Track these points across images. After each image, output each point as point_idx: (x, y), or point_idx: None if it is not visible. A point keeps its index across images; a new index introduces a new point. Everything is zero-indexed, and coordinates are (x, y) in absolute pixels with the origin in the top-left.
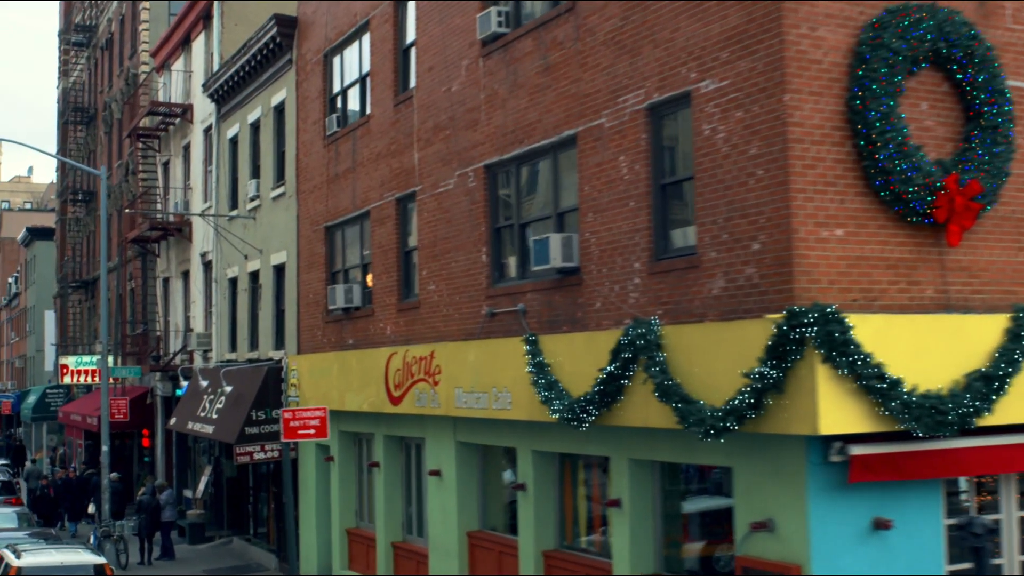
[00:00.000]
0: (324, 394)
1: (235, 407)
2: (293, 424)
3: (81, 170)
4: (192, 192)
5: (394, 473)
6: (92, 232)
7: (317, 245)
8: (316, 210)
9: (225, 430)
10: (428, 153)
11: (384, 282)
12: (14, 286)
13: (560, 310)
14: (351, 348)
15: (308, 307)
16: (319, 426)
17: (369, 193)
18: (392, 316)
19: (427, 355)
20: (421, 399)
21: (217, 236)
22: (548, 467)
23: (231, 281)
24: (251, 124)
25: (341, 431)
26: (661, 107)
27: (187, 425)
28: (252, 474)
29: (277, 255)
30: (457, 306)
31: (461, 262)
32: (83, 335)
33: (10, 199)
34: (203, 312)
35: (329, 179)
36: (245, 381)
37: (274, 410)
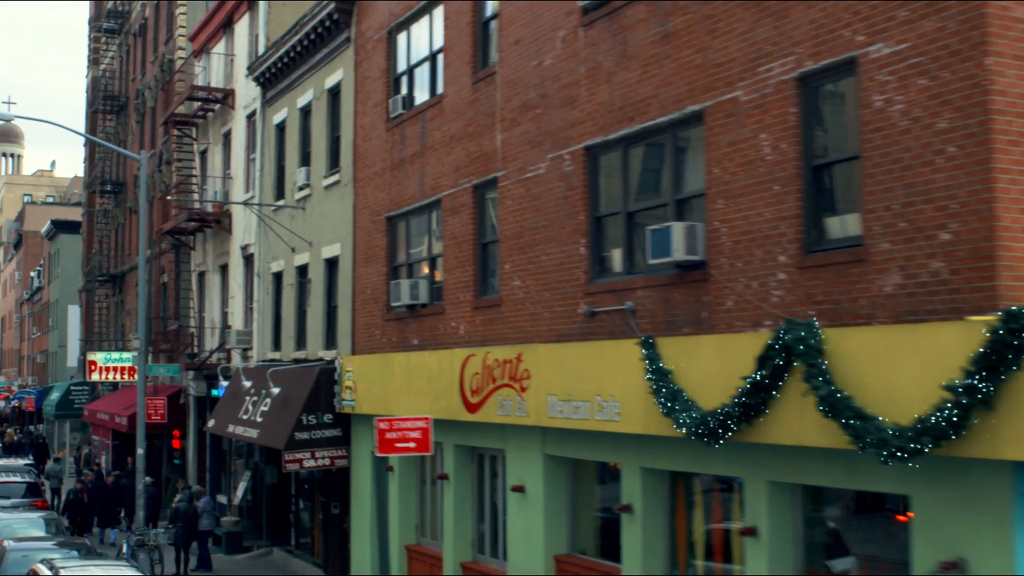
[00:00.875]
0: (382, 398)
1: (283, 410)
2: (390, 436)
3: (113, 157)
4: (232, 182)
5: (465, 487)
6: (121, 224)
7: (377, 237)
8: (376, 199)
9: (272, 435)
10: (513, 135)
11: (457, 277)
12: (36, 280)
13: (680, 309)
14: (415, 349)
15: (365, 304)
16: (421, 439)
17: (440, 180)
18: (466, 314)
19: (513, 358)
20: (504, 407)
21: (261, 228)
22: (658, 486)
23: (275, 275)
24: (301, 108)
25: None
26: (815, 76)
27: (228, 428)
28: (295, 481)
29: (329, 248)
30: (547, 304)
31: (553, 255)
32: (110, 330)
33: (33, 193)
34: (243, 308)
35: (392, 165)
36: (294, 383)
37: (326, 414)
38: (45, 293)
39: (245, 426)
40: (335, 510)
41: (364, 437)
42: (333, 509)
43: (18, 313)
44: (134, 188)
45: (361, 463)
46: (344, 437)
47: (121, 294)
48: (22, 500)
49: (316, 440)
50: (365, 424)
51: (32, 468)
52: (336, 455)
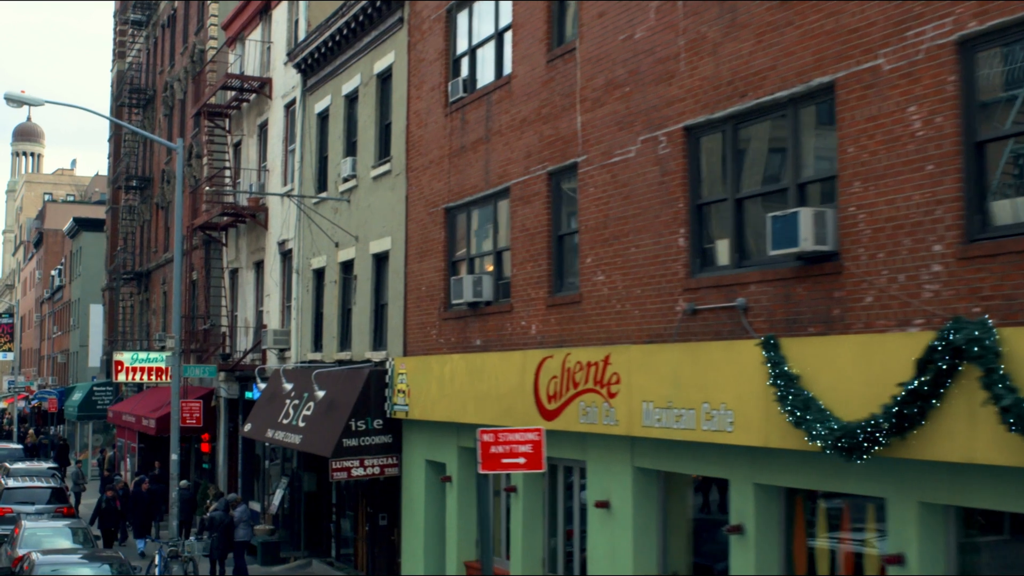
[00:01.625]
0: (439, 403)
1: (329, 415)
2: (496, 450)
3: (140, 151)
4: (269, 175)
5: (536, 500)
6: (147, 221)
7: (434, 229)
8: (433, 189)
9: (318, 441)
10: (596, 116)
11: (528, 272)
12: (57, 279)
13: (804, 306)
14: (478, 350)
15: (419, 301)
16: (532, 454)
17: (509, 167)
18: (539, 313)
19: (599, 360)
20: (588, 414)
21: (301, 222)
22: (773, 505)
23: (316, 272)
24: (346, 96)
25: (462, 447)
26: (979, 39)
27: (266, 433)
28: (335, 489)
29: (378, 242)
30: (638, 301)
31: (645, 247)
32: (135, 330)
33: (53, 192)
34: (279, 307)
35: (451, 153)
36: (341, 386)
37: (375, 420)
38: (66, 292)
39: (286, 431)
40: (383, 521)
41: (417, 444)
42: (381, 520)
43: (38, 312)
44: (161, 183)
45: (413, 472)
46: (394, 444)
47: (146, 293)
48: (47, 506)
49: (365, 447)
50: (418, 430)
51: (56, 472)
52: (386, 463)
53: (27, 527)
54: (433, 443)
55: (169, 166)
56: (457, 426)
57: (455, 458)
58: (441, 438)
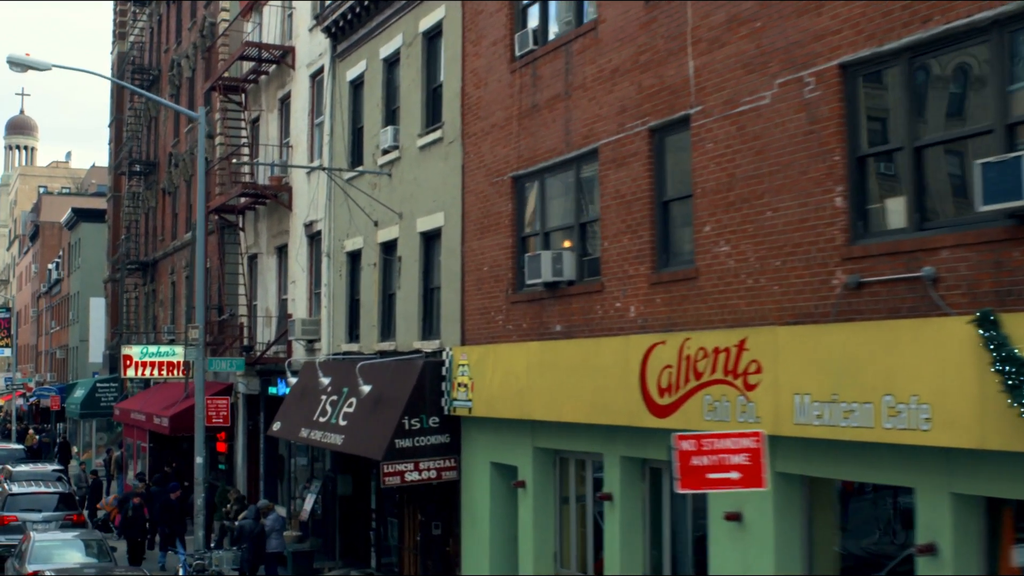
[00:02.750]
0: (509, 398)
1: (377, 413)
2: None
3: (144, 135)
4: (293, 151)
5: (635, 509)
6: (152, 208)
7: (498, 201)
8: (496, 156)
9: (364, 442)
10: (715, 59)
11: (624, 245)
12: (55, 272)
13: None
14: (557, 336)
15: (480, 283)
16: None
17: (596, 125)
18: (640, 292)
19: (730, 346)
20: (717, 410)
21: (331, 200)
22: (972, 518)
23: (351, 255)
24: (384, 59)
25: (538, 448)
26: None
27: (299, 432)
28: (376, 493)
29: (427, 218)
30: (778, 274)
31: (787, 211)
32: (140, 323)
33: (48, 184)
34: (307, 294)
35: (520, 113)
36: (389, 379)
37: (431, 417)
38: (64, 285)
39: (324, 431)
40: (436, 530)
41: (480, 444)
42: (434, 529)
43: (34, 307)
44: (168, 167)
45: (475, 476)
46: (452, 444)
47: (153, 283)
48: (54, 514)
49: (420, 448)
50: (482, 429)
51: (62, 474)
52: (443, 466)
53: (37, 540)
54: (501, 443)
55: (176, 149)
56: (532, 424)
57: (529, 460)
58: (511, 438)
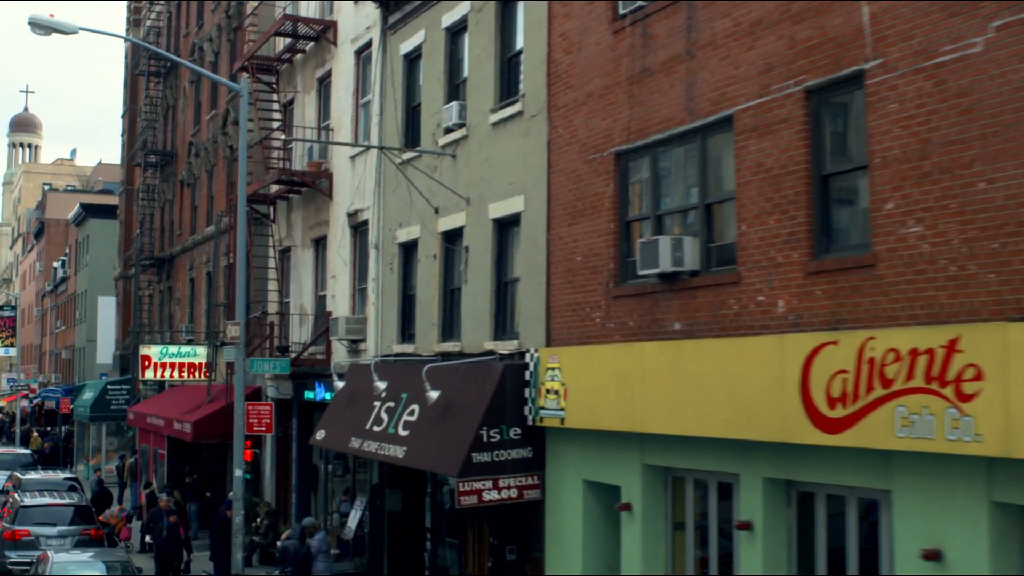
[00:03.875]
0: (613, 407)
1: (447, 423)
2: None
3: (160, 124)
4: (334, 135)
5: (779, 540)
6: (169, 201)
7: (595, 182)
8: (594, 130)
9: (433, 455)
10: (897, 3)
11: (771, 228)
12: (60, 270)
13: None
14: (675, 335)
15: (571, 275)
16: None
17: (730, 89)
18: (793, 282)
19: (937, 346)
20: (915, 425)
21: (381, 187)
22: None
23: (404, 247)
24: (447, 28)
25: (647, 465)
26: None
27: (349, 442)
28: (431, 511)
29: (502, 203)
30: (994, 259)
31: (1008, 180)
32: (155, 322)
33: (52, 182)
34: (349, 291)
35: (626, 80)
36: (460, 385)
37: (512, 428)
38: (71, 284)
39: (380, 441)
40: (511, 555)
41: (571, 460)
42: (508, 554)
43: (39, 306)
44: (188, 157)
45: (564, 495)
46: (536, 459)
47: (169, 280)
48: (70, 528)
49: (499, 463)
50: (573, 442)
51: (75, 483)
52: (525, 484)
53: (55, 561)
54: (598, 459)
55: (197, 138)
56: (641, 437)
57: (637, 479)
58: (612, 452)
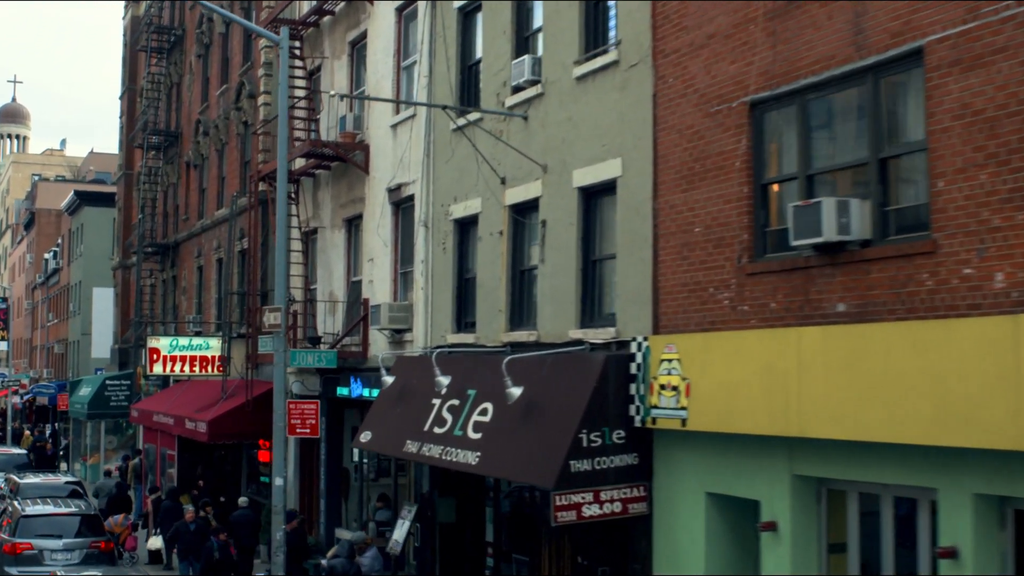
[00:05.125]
0: (763, 405)
1: (533, 425)
2: None
3: (163, 102)
4: (370, 103)
5: (990, 569)
6: (174, 184)
7: (721, 138)
8: (717, 77)
9: (517, 463)
10: None
11: (981, 184)
12: (52, 262)
13: None
14: (839, 319)
15: (688, 249)
16: None
17: (917, 16)
18: (1018, 249)
19: None
20: None
21: (431, 156)
22: None
23: (460, 224)
24: None
25: (798, 476)
26: None
27: (403, 446)
28: (493, 522)
29: (591, 169)
30: None
31: None
32: (159, 313)
33: (42, 172)
34: (390, 274)
35: (764, 15)
36: (545, 380)
37: (615, 431)
38: (63, 275)
39: (445, 445)
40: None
41: (690, 467)
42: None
43: (29, 299)
44: (195, 137)
45: (680, 509)
46: (642, 467)
47: (174, 269)
48: (77, 541)
49: (601, 473)
50: (695, 447)
51: (78, 488)
52: (630, 496)
53: None
54: (727, 467)
55: (206, 115)
56: (789, 443)
57: (784, 493)
58: (749, 460)
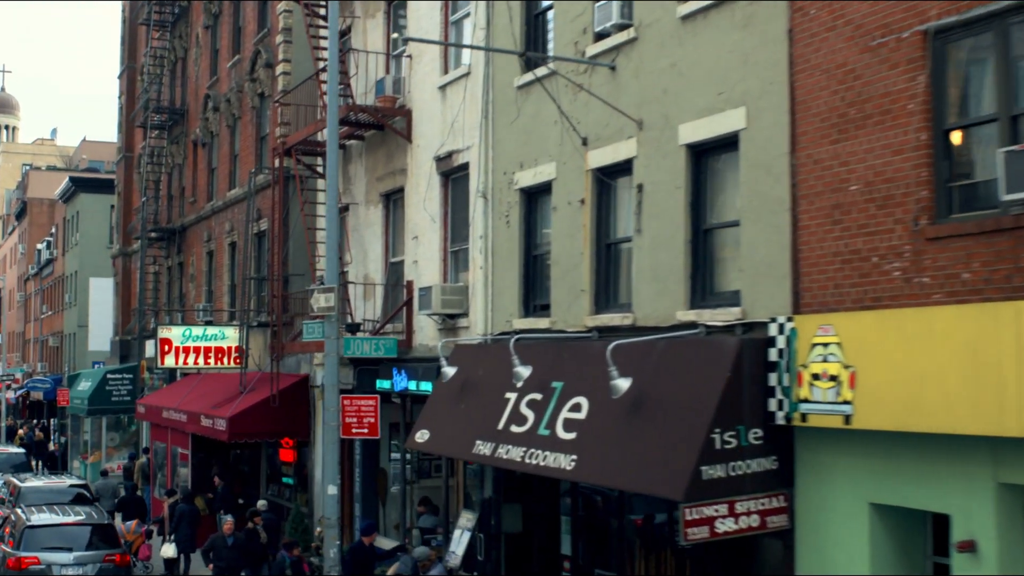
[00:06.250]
0: (960, 399)
1: (648, 422)
2: None
3: (167, 77)
4: (414, 62)
5: None
6: (180, 165)
7: (889, 76)
8: (878, 2)
9: (631, 469)
10: None
11: None
12: (45, 252)
13: None
14: None
15: (841, 212)
16: None
17: None
18: None
19: None
20: None
21: (487, 119)
22: None
23: (526, 193)
24: None
25: (1004, 485)
26: None
27: (475, 448)
28: (571, 533)
29: (704, 122)
30: None
31: None
32: (164, 302)
33: (33, 162)
34: (439, 253)
35: None
36: (663, 369)
37: (751, 430)
38: (58, 265)
39: (529, 447)
40: None
41: (847, 473)
42: None
43: (21, 291)
44: (204, 113)
45: (834, 523)
46: (782, 472)
47: (180, 255)
48: (88, 554)
49: (736, 479)
50: (861, 447)
51: (85, 492)
52: (768, 507)
53: None
54: (903, 474)
55: (216, 89)
56: (994, 443)
57: (989, 506)
58: (935, 465)
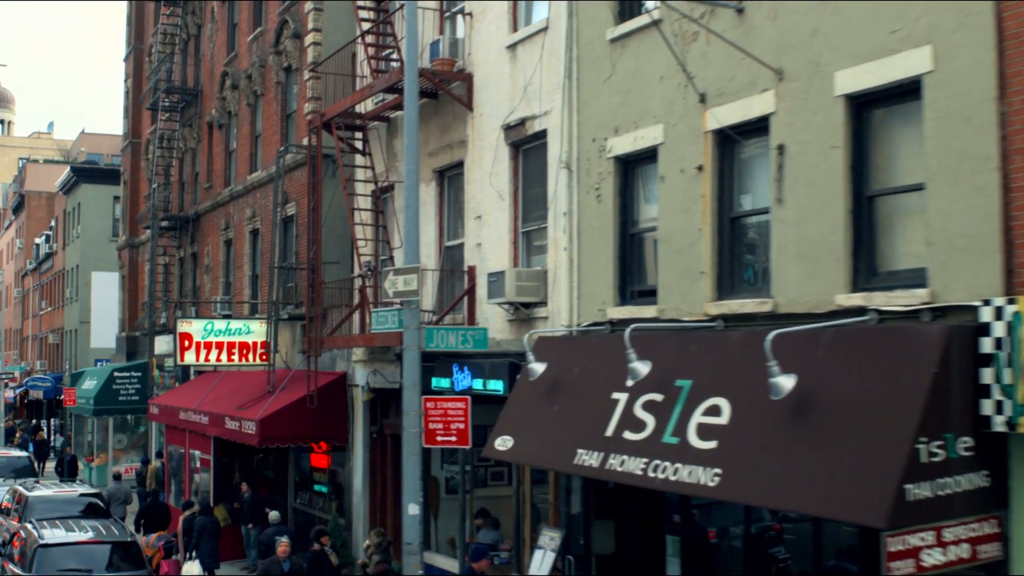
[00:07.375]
0: None
1: (821, 430)
2: None
3: (180, 55)
4: (473, 20)
5: None
6: (192, 150)
7: None
8: None
9: (800, 487)
10: None
11: None
12: (44, 246)
13: None
14: None
15: None
16: None
17: None
18: None
19: None
20: None
21: (571, 80)
22: None
23: (622, 162)
24: None
25: None
26: None
27: (577, 458)
28: (680, 556)
29: (871, 66)
30: None
31: None
32: (176, 295)
33: (30, 156)
34: (509, 234)
35: None
36: (834, 364)
37: (960, 438)
38: (58, 260)
39: (652, 458)
40: None
41: None
42: None
43: (19, 287)
44: (220, 91)
45: None
46: (994, 490)
47: (193, 245)
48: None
49: (945, 500)
50: None
51: (99, 502)
52: (979, 534)
53: None
54: None
55: (234, 66)
56: None
57: None
58: None
